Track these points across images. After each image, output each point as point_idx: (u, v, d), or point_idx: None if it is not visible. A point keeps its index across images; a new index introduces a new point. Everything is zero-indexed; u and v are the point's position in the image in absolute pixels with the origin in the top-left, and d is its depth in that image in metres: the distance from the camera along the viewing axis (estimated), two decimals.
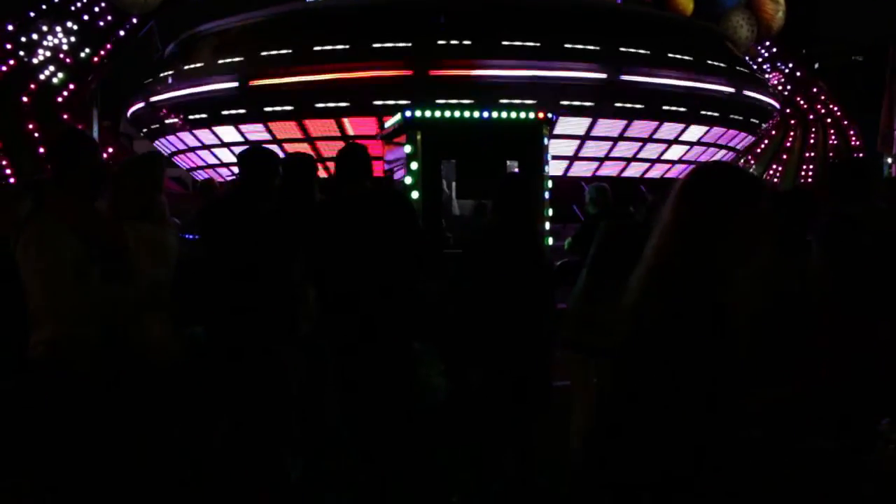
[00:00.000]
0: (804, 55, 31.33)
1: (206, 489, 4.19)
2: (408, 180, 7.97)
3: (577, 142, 17.29)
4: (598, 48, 16.72)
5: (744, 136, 20.97)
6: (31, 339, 3.46)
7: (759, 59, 27.42)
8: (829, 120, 27.83)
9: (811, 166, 26.80)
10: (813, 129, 27.62)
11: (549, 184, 8.61)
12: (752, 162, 26.60)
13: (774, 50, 28.42)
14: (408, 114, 8.16)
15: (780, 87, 27.34)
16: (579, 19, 17.30)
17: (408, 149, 8.06)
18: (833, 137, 27.48)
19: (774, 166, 26.95)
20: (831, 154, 26.68)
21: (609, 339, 4.38)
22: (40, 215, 3.50)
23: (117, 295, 3.63)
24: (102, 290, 3.56)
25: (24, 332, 3.51)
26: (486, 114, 8.35)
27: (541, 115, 8.47)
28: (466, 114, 8.38)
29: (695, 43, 19.03)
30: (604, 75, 16.64)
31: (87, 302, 3.49)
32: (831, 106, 28.06)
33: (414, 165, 8.01)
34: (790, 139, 27.86)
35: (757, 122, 20.98)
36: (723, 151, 20.74)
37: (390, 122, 9.31)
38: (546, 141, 8.61)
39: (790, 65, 28.66)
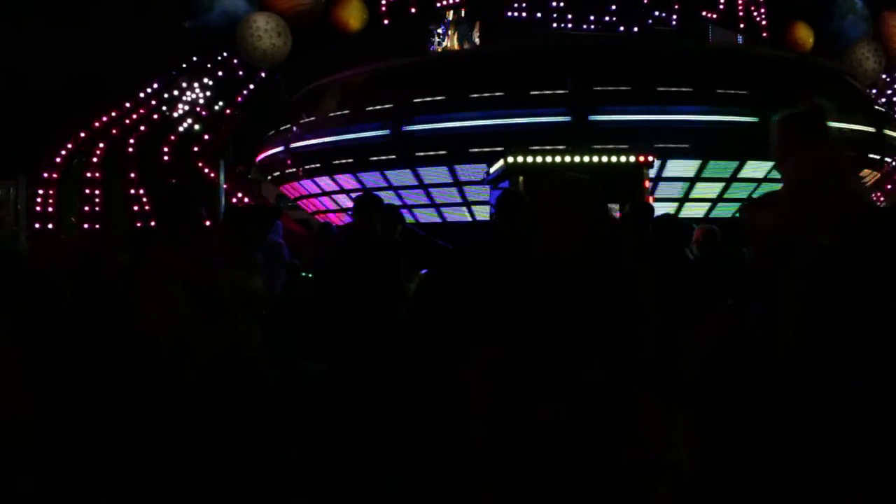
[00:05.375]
0: None
1: None
2: None
3: (687, 183, 17.09)
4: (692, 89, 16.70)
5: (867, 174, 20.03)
6: None
7: (889, 91, 26.21)
8: None
9: None
10: None
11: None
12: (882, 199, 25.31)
13: None
14: (510, 159, 8.49)
15: None
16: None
17: None
18: None
19: None
20: None
21: None
22: (149, 264, 3.70)
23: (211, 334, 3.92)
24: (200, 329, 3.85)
25: None
26: (586, 158, 8.59)
27: (640, 158, 8.63)
28: (567, 158, 8.64)
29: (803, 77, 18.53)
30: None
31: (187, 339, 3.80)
32: None
33: None
34: None
35: (879, 157, 20.01)
36: None
37: (495, 167, 9.68)
38: (648, 183, 8.74)
39: None
